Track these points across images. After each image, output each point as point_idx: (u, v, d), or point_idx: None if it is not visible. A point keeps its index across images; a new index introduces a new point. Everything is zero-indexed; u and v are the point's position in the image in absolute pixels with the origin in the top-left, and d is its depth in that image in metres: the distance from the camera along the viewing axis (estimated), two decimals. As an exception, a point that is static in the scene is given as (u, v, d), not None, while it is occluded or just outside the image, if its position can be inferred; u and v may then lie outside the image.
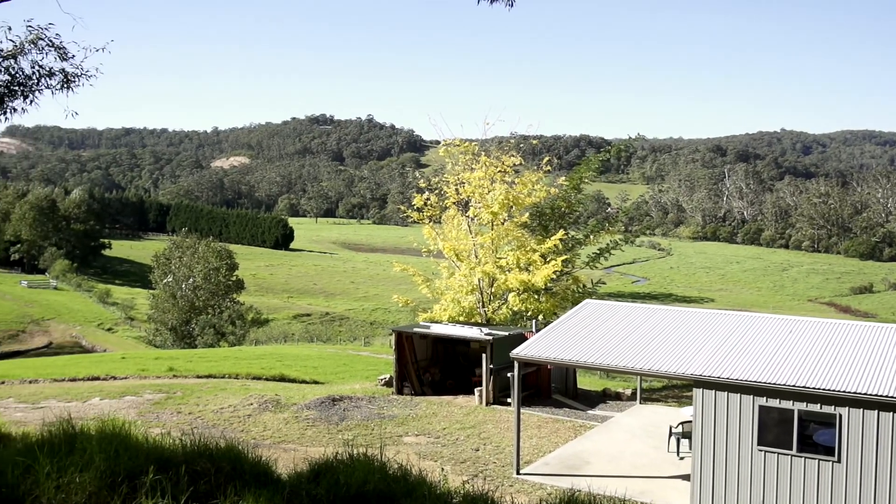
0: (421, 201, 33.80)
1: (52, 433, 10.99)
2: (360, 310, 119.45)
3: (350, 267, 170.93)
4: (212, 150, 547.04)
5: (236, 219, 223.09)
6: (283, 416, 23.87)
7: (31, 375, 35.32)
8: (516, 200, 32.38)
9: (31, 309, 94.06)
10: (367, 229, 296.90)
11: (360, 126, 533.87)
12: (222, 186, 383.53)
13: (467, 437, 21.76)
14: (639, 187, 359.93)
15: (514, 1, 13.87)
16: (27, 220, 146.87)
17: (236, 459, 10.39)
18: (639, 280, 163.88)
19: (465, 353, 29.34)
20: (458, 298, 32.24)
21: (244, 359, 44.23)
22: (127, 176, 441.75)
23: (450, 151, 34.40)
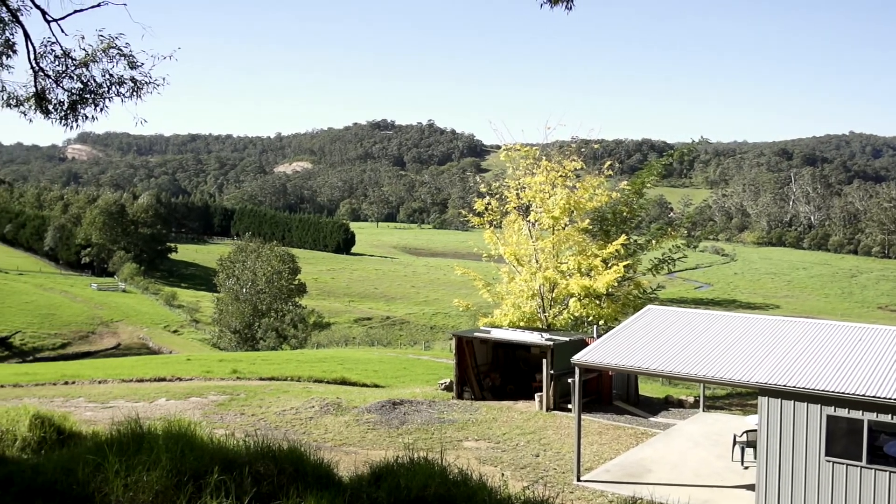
0: (482, 206, 33.78)
1: (120, 432, 11.25)
2: (421, 314, 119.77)
3: (410, 271, 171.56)
4: (275, 155, 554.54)
5: (299, 223, 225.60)
6: (344, 418, 24.04)
7: (100, 376, 36.17)
8: (577, 205, 32.15)
9: (101, 311, 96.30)
10: (427, 234, 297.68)
11: (421, 131, 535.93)
12: (285, 191, 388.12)
13: (527, 442, 21.66)
14: (702, 192, 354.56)
15: (573, 4, 13.82)
16: (97, 224, 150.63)
17: (298, 461, 10.50)
18: (702, 286, 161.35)
19: (525, 358, 29.22)
20: (518, 303, 32.14)
21: (306, 362, 44.68)
22: (193, 181, 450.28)
23: (510, 156, 34.33)
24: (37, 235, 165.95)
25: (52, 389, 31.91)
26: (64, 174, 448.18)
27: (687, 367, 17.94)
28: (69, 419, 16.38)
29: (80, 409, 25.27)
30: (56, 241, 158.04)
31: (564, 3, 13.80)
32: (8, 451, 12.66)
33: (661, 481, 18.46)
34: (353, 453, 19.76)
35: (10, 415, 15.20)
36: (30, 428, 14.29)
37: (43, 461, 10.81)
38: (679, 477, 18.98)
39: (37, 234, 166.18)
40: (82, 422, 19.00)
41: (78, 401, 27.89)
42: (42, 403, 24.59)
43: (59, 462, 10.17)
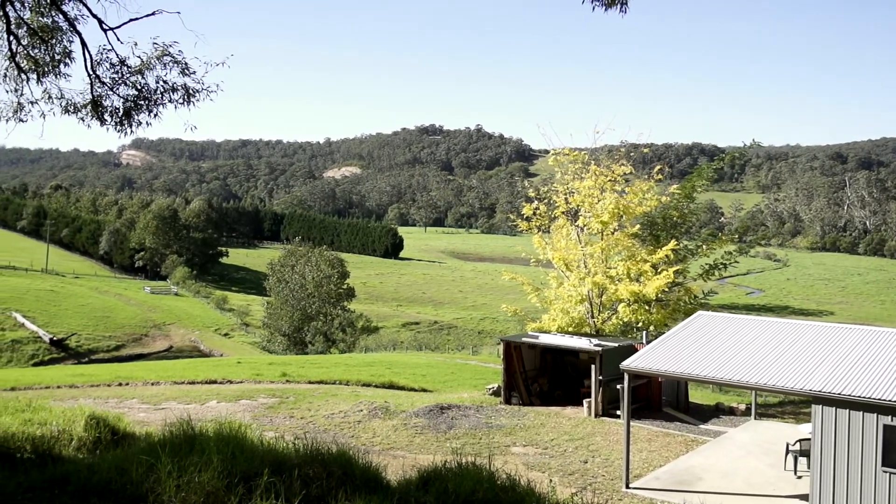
0: (530, 210, 33.68)
1: (173, 434, 11.42)
2: (469, 319, 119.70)
3: (458, 276, 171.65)
4: (324, 160, 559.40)
5: (347, 228, 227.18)
6: (392, 422, 24.10)
7: (153, 377, 36.72)
8: (626, 210, 31.90)
9: (154, 314, 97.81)
10: (475, 238, 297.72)
11: (469, 136, 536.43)
12: (334, 196, 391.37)
13: (576, 448, 21.52)
14: (753, 196, 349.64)
15: (627, 7, 13.72)
16: (150, 228, 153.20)
17: (347, 465, 10.56)
18: (753, 292, 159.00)
19: (573, 363, 29.06)
20: (567, 308, 31.96)
21: (354, 365, 44.90)
22: (243, 186, 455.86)
23: (559, 161, 34.19)
24: (92, 240, 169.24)
25: (106, 390, 32.47)
26: (118, 179, 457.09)
27: (738, 374, 17.68)
28: (123, 420, 16.66)
29: (133, 410, 25.69)
30: (111, 245, 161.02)
31: (619, 5, 13.69)
32: (64, 451, 12.91)
33: (711, 490, 18.21)
34: (400, 457, 19.81)
35: (66, 415, 15.50)
36: (85, 428, 14.55)
37: (98, 461, 11.01)
38: (730, 486, 18.71)
39: (92, 238, 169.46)
40: (136, 422, 19.31)
41: (131, 402, 28.33)
42: (97, 404, 25.03)
43: (114, 462, 10.35)
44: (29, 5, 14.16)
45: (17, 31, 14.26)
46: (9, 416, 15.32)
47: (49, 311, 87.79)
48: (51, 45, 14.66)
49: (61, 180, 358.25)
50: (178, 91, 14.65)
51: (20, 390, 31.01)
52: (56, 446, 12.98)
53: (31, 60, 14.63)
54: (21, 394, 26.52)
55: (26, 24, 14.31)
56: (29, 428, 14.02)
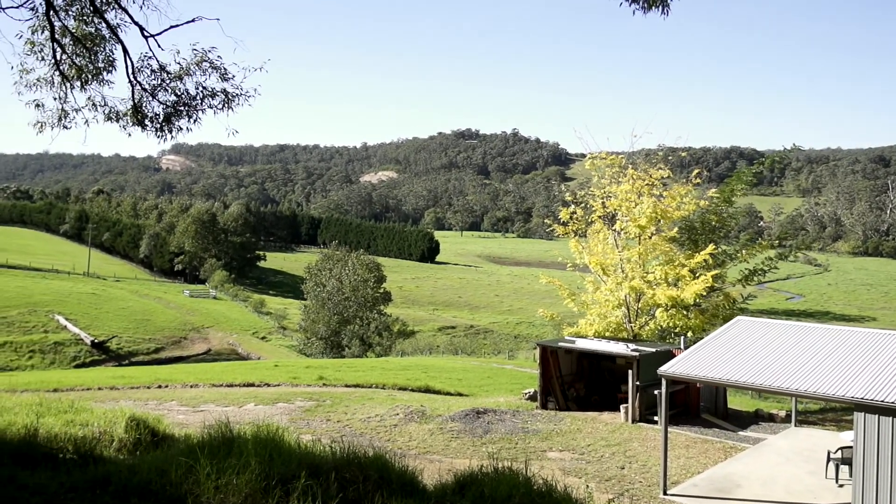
0: (566, 215, 33.56)
1: (211, 436, 11.52)
2: (505, 323, 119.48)
3: (495, 280, 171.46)
4: (361, 165, 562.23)
5: (384, 232, 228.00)
6: (429, 427, 24.13)
7: (191, 380, 37.13)
8: (664, 214, 31.67)
9: (193, 317, 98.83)
10: (511, 243, 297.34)
11: (506, 140, 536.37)
12: (370, 200, 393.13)
13: (612, 454, 21.38)
14: (793, 200, 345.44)
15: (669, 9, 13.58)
16: (189, 232, 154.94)
17: (384, 468, 10.58)
18: (793, 297, 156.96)
19: (610, 368, 28.89)
20: (604, 313, 31.79)
21: (391, 369, 45.02)
22: (281, 190, 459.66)
23: (596, 165, 34.04)
24: (133, 243, 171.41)
25: (146, 392, 32.89)
26: (158, 184, 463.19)
27: (778, 380, 17.46)
28: (163, 422, 16.85)
29: (172, 413, 25.97)
30: (151, 248, 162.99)
31: (661, 7, 13.54)
32: (105, 452, 13.08)
33: (750, 497, 18.00)
34: (437, 461, 19.82)
35: (107, 416, 15.72)
36: (126, 429, 14.74)
37: (138, 462, 11.14)
38: (770, 493, 18.48)
39: (133, 242, 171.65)
40: (175, 424, 19.52)
41: (171, 404, 28.65)
42: (137, 406, 25.35)
43: (154, 463, 10.47)
44: (73, 14, 14.40)
45: (62, 39, 14.52)
46: (52, 417, 15.58)
47: (91, 314, 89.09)
48: (94, 52, 14.90)
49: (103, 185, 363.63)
50: (217, 96, 14.81)
51: (63, 391, 31.52)
52: (97, 447, 13.15)
53: (75, 68, 14.88)
54: (63, 395, 26.94)
55: (70, 32, 14.56)
56: (71, 429, 14.24)
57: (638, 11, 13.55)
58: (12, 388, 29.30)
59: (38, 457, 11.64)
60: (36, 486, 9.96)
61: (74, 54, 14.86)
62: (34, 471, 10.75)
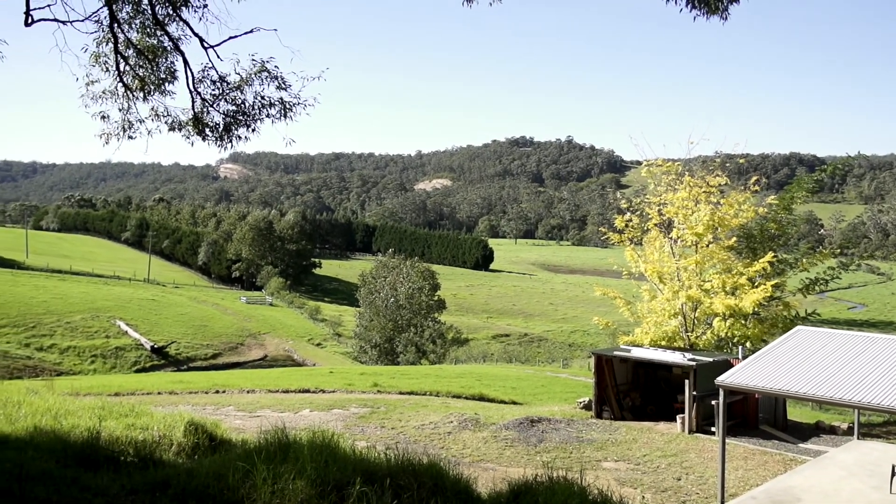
0: (622, 223, 33.31)
1: (268, 441, 11.65)
2: (559, 331, 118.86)
3: (549, 288, 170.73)
4: (415, 172, 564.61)
5: (438, 240, 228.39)
6: (482, 435, 24.09)
7: (248, 386, 37.58)
8: (722, 222, 31.25)
9: (249, 323, 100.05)
10: (566, 251, 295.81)
11: (560, 147, 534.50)
12: (425, 208, 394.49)
13: (668, 465, 21.12)
14: (855, 207, 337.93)
15: (728, 13, 13.45)
16: (247, 240, 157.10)
17: (438, 476, 10.59)
18: (856, 306, 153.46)
19: (666, 378, 28.55)
20: (659, 322, 31.45)
21: (444, 377, 45.05)
22: (336, 198, 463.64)
23: (652, 172, 33.74)
24: (191, 250, 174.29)
25: (203, 397, 33.37)
26: (217, 192, 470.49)
27: (840, 391, 17.08)
28: (220, 427, 17.08)
29: (229, 418, 26.31)
30: (209, 256, 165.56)
31: (720, 12, 13.42)
32: (165, 455, 13.30)
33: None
34: (491, 470, 19.78)
35: (166, 420, 15.99)
36: (184, 434, 14.98)
37: (196, 466, 11.32)
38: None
39: (191, 249, 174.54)
40: (232, 429, 19.77)
41: (228, 409, 29.03)
42: (195, 410, 25.74)
43: (211, 467, 10.62)
44: (136, 27, 14.74)
45: (126, 51, 14.86)
46: (113, 421, 15.90)
47: (150, 320, 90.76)
48: (156, 64, 15.23)
49: (163, 193, 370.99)
50: (275, 106, 15.00)
51: (123, 395, 32.15)
52: (157, 451, 13.38)
53: (138, 79, 15.22)
54: (124, 399, 27.48)
55: (133, 45, 14.90)
56: (132, 432, 14.52)
57: (699, 17, 13.46)
58: (76, 391, 29.97)
59: (100, 459, 11.89)
60: (98, 487, 10.18)
61: (137, 66, 15.20)
62: (96, 473, 10.99)
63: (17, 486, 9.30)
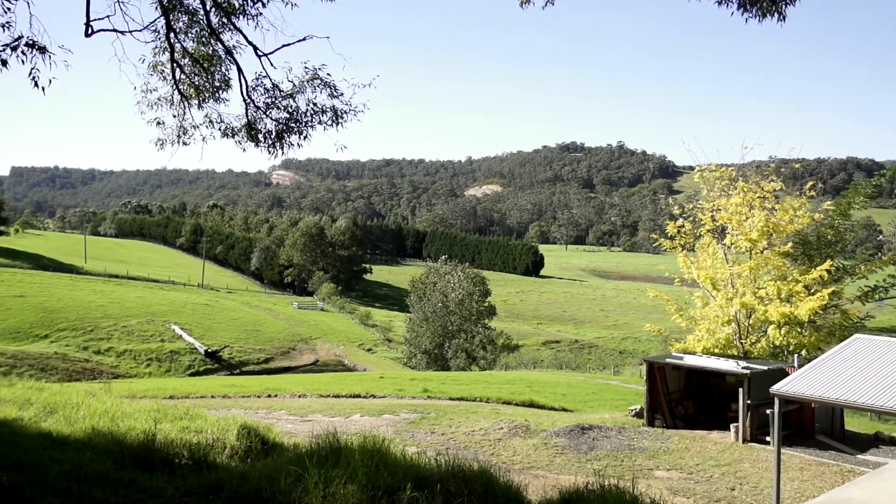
0: (674, 228, 32.99)
1: (319, 445, 11.75)
2: (610, 338, 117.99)
3: (600, 294, 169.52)
4: (465, 178, 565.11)
5: (488, 246, 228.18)
6: (533, 441, 23.99)
7: (300, 390, 37.92)
8: (777, 228, 30.76)
9: (301, 328, 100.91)
10: (617, 257, 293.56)
11: (611, 153, 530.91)
12: (475, 214, 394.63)
13: (722, 474, 20.82)
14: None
15: (785, 17, 13.19)
16: (298, 245, 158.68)
17: (488, 482, 10.58)
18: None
19: (719, 386, 28.16)
20: (713, 329, 31.06)
21: (495, 383, 44.98)
22: (387, 204, 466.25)
23: (705, 177, 33.37)
24: (244, 256, 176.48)
25: (256, 401, 33.74)
26: (269, 198, 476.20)
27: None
28: (272, 430, 17.27)
29: (281, 422, 26.55)
30: (261, 261, 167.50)
31: (776, 14, 13.18)
32: (218, 458, 13.47)
33: (870, 523, 17.23)
34: (541, 477, 19.69)
35: (220, 424, 16.21)
36: (237, 437, 15.17)
37: (249, 469, 11.44)
38: (891, 520, 17.65)
39: (244, 254, 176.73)
40: (284, 433, 19.96)
41: (279, 413, 29.31)
42: (247, 414, 26.03)
43: (264, 471, 10.74)
44: (192, 36, 15.02)
45: (181, 60, 15.15)
46: (168, 423, 16.17)
47: (204, 324, 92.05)
48: (211, 72, 15.50)
49: (217, 199, 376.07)
50: (326, 113, 15.14)
51: (178, 399, 32.64)
52: (211, 453, 13.55)
53: (193, 87, 15.51)
54: (179, 402, 27.89)
55: (189, 53, 15.19)
56: (186, 435, 14.75)
57: (751, 20, 13.23)
58: (132, 394, 30.52)
59: (155, 461, 12.10)
60: (154, 489, 10.35)
61: (193, 74, 15.49)
62: (152, 474, 11.18)
63: (77, 486, 9.49)
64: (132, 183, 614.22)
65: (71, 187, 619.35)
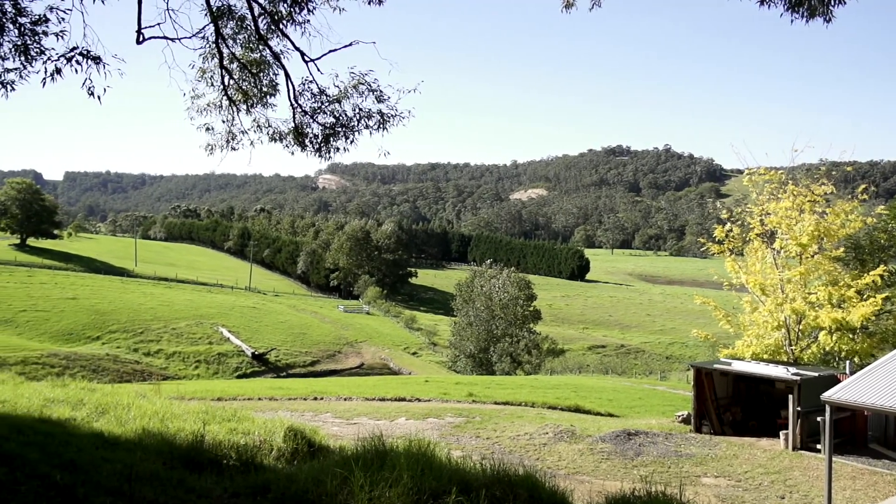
0: (722, 233, 32.60)
1: (365, 448, 11.78)
2: (657, 343, 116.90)
3: (646, 299, 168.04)
4: (511, 182, 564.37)
5: (533, 250, 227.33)
6: (578, 447, 23.85)
7: (345, 393, 38.13)
8: (828, 232, 30.24)
9: (347, 332, 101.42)
10: (663, 261, 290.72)
11: (657, 156, 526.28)
12: (520, 218, 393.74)
13: (772, 482, 20.49)
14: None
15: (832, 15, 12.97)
16: (344, 249, 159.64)
17: (533, 488, 10.53)
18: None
19: (769, 392, 27.75)
20: (761, 335, 30.62)
21: (540, 388, 44.80)
22: (432, 208, 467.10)
23: (754, 180, 32.94)
24: (291, 260, 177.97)
25: (302, 404, 33.98)
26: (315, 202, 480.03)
27: (956, 410, 16.32)
28: (319, 433, 17.37)
29: (327, 424, 26.71)
30: (307, 265, 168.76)
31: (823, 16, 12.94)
32: (265, 460, 13.59)
33: (925, 534, 16.85)
34: (587, 482, 19.56)
35: (267, 426, 16.36)
36: (284, 439, 15.29)
37: (296, 471, 11.52)
38: (947, 531, 17.24)
39: (291, 258, 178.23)
40: (329, 436, 20.07)
41: (325, 416, 29.49)
42: (294, 416, 26.25)
43: (310, 473, 10.80)
44: (240, 42, 15.23)
45: (230, 65, 15.36)
46: (216, 425, 16.36)
47: (251, 327, 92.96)
48: (259, 77, 15.70)
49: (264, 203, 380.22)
50: (373, 118, 15.24)
51: (226, 401, 32.99)
52: (258, 455, 13.68)
53: (242, 92, 15.71)
54: (227, 404, 28.19)
55: (237, 59, 15.40)
56: (234, 437, 14.90)
57: (797, 20, 13.02)
58: (181, 395, 30.94)
59: (204, 462, 12.24)
60: (202, 489, 10.48)
61: (241, 80, 15.71)
62: (201, 475, 11.32)
63: (128, 486, 9.65)
64: (181, 187, 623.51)
65: (122, 192, 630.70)
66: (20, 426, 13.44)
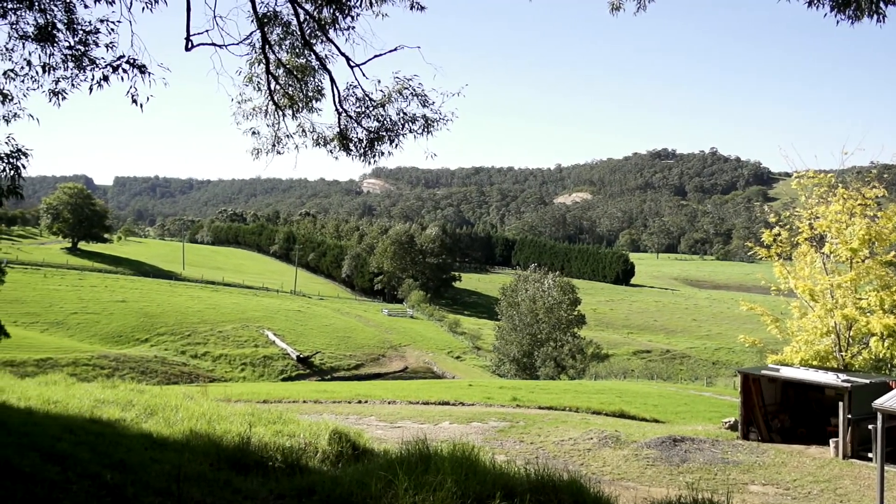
0: (770, 237, 32.10)
1: (409, 452, 11.82)
2: (703, 348, 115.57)
3: (692, 304, 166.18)
4: (554, 186, 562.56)
5: (578, 254, 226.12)
6: (623, 452, 23.67)
7: (389, 396, 38.24)
8: (879, 236, 29.62)
9: (390, 335, 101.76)
10: (710, 265, 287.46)
11: (703, 159, 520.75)
12: (564, 222, 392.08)
13: (821, 491, 20.14)
14: None
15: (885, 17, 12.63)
16: (388, 253, 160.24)
17: (578, 493, 10.48)
18: None
19: (818, 399, 27.29)
20: (811, 340, 30.10)
21: (584, 392, 44.56)
22: (476, 212, 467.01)
23: (802, 184, 32.37)
24: (335, 263, 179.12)
25: (346, 407, 34.17)
26: (360, 206, 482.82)
27: None
28: (363, 436, 17.49)
29: (371, 427, 26.83)
30: (352, 268, 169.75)
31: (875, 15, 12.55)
32: (310, 462, 13.70)
33: (981, 546, 16.45)
34: (632, 489, 19.41)
35: (312, 429, 16.50)
36: (329, 442, 15.41)
37: (340, 474, 11.60)
38: None
39: (335, 262, 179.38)
40: (374, 439, 20.15)
41: (369, 419, 29.62)
42: (338, 419, 26.39)
43: (355, 476, 10.86)
44: (286, 47, 15.39)
45: (276, 71, 15.54)
46: (262, 427, 16.54)
47: (296, 330, 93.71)
48: (304, 82, 15.86)
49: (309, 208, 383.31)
50: (417, 122, 15.29)
51: (271, 403, 33.30)
52: (303, 457, 13.80)
53: (287, 97, 15.89)
54: (272, 406, 28.46)
55: (283, 64, 15.57)
56: (280, 439, 15.06)
57: (843, 21, 12.65)
58: (227, 397, 31.27)
59: (250, 464, 12.38)
60: (248, 491, 10.60)
61: (287, 85, 15.88)
62: (247, 476, 11.46)
63: (176, 486, 9.79)
64: (228, 192, 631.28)
65: (170, 196, 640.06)
66: (72, 426, 13.72)
